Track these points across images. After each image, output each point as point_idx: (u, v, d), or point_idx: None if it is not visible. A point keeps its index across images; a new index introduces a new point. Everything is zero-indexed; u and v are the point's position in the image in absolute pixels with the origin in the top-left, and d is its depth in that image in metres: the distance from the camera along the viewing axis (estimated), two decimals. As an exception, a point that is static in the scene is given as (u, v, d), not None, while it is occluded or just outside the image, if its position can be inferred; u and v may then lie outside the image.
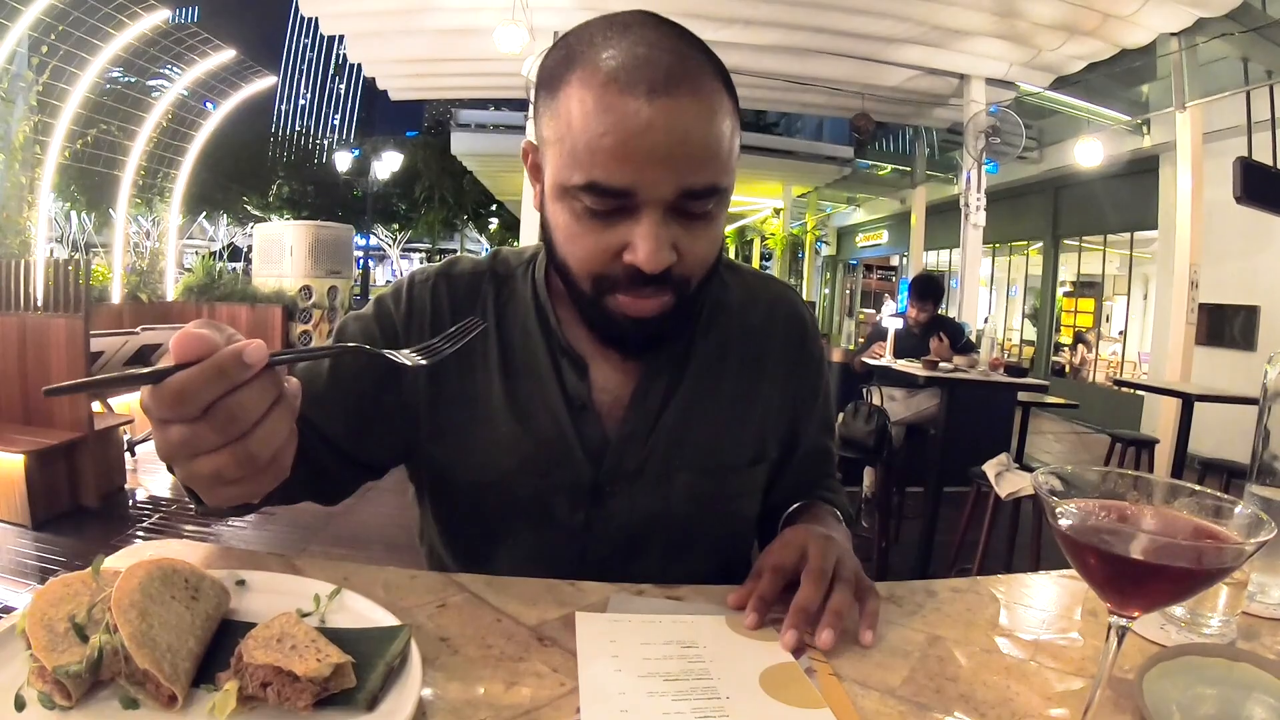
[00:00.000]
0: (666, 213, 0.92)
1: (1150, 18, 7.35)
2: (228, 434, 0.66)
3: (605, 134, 0.88)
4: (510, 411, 1.10)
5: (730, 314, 1.19)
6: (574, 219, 0.94)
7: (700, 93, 0.91)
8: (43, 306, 5.45)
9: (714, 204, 0.95)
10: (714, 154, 0.92)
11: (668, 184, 0.90)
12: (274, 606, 0.72)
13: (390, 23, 8.85)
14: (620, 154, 0.88)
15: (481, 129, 17.02)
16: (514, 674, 0.72)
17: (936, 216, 14.21)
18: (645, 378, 1.11)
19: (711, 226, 0.98)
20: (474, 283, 1.16)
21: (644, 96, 0.88)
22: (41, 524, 4.76)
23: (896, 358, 5.83)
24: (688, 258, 0.95)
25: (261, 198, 28.68)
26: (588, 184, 0.90)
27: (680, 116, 0.89)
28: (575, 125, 0.90)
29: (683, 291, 0.98)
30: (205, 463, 0.68)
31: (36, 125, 8.14)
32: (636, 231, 0.91)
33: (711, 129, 0.92)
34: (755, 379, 1.19)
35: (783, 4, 7.90)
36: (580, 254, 0.96)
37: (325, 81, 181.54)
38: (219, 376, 0.64)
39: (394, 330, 1.12)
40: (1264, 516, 0.58)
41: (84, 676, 0.60)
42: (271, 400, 0.69)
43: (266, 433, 0.69)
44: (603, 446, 1.10)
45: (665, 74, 0.89)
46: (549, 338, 1.11)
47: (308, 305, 8.42)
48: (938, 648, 0.83)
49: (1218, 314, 9.03)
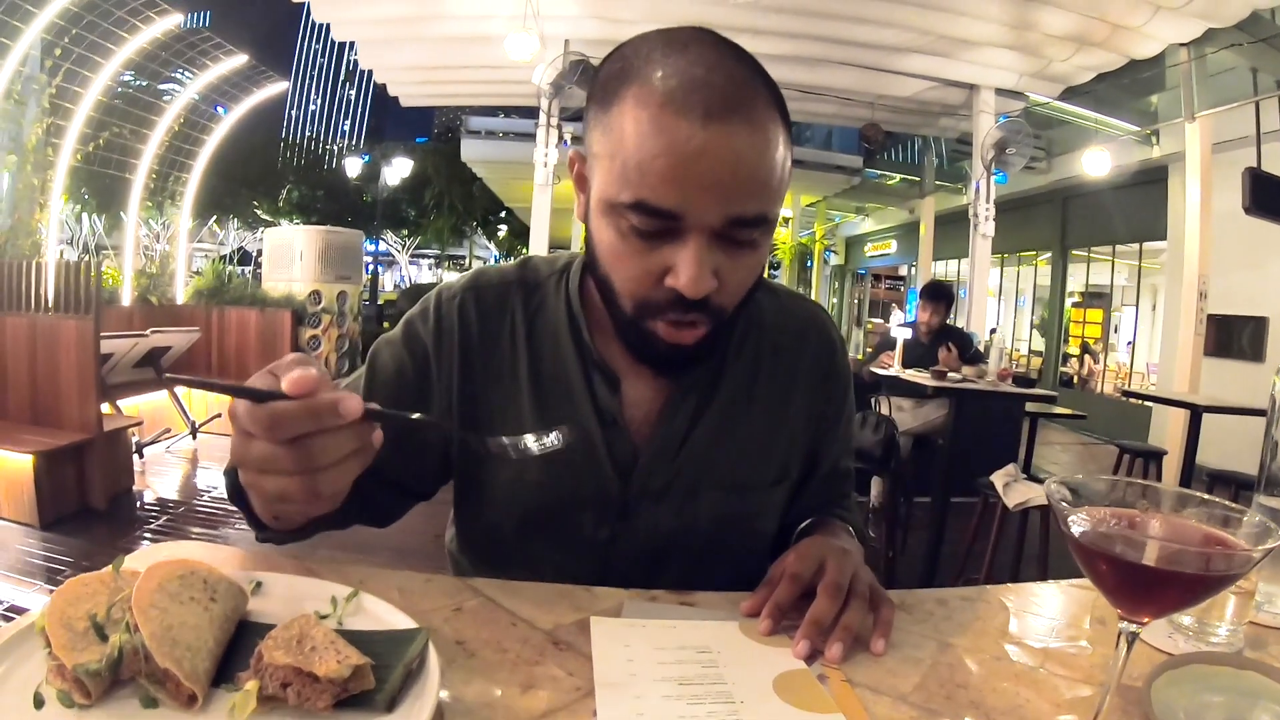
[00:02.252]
0: (712, 239, 0.91)
1: (1160, 29, 7.34)
2: (302, 466, 0.73)
3: (658, 156, 0.88)
4: (539, 424, 1.09)
5: (763, 333, 1.19)
6: (619, 237, 0.94)
7: (755, 121, 0.90)
8: (53, 308, 5.46)
9: (760, 233, 0.95)
10: (764, 184, 0.92)
11: (716, 211, 0.89)
12: (291, 608, 0.72)
13: (401, 29, 8.88)
14: (670, 177, 0.88)
15: (492, 136, 17.06)
16: (530, 677, 0.73)
17: (945, 226, 14.19)
18: (676, 395, 1.11)
19: (755, 255, 0.97)
20: (502, 294, 1.16)
21: (699, 121, 0.87)
22: (49, 524, 4.77)
23: (905, 367, 5.84)
24: (728, 285, 0.95)
25: (272, 202, 28.70)
26: (636, 202, 0.89)
27: (733, 143, 0.88)
28: (628, 143, 0.90)
29: (719, 319, 0.98)
30: (272, 481, 0.74)
31: (49, 128, 8.16)
32: (681, 255, 0.91)
33: (764, 159, 0.91)
34: (784, 400, 1.19)
35: (792, 14, 7.91)
36: (624, 274, 0.96)
37: (336, 87, 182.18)
38: (313, 418, 0.71)
39: (425, 352, 1.13)
40: (1272, 525, 0.59)
41: (104, 675, 0.61)
42: (351, 450, 0.75)
43: (336, 475, 0.75)
44: (631, 462, 1.10)
45: (722, 99, 0.88)
46: (581, 350, 1.11)
47: (317, 310, 8.43)
48: (948, 655, 0.83)
49: (1226, 325, 9.00)
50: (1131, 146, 10.82)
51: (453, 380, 1.12)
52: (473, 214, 33.59)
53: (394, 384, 1.13)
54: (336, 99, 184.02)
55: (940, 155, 15.44)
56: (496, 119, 17.77)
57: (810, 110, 10.94)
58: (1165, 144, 10.35)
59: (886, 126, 10.70)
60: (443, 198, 32.58)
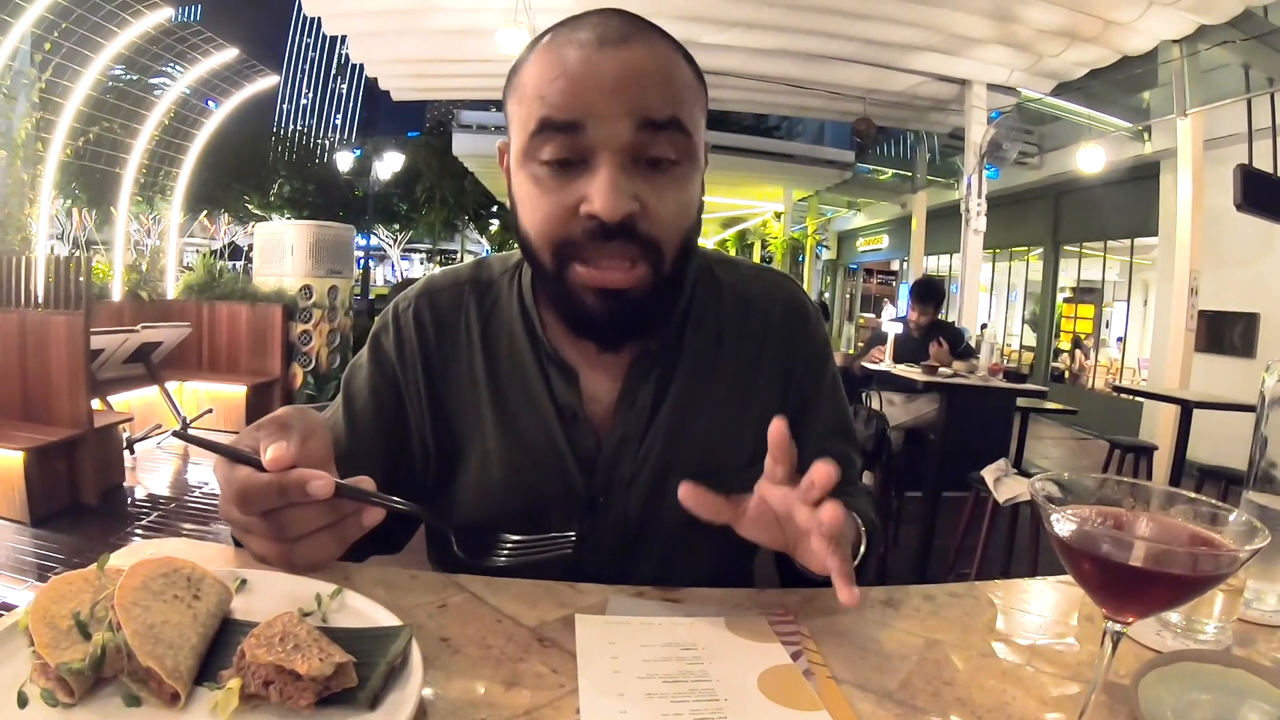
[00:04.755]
0: (625, 159, 0.90)
1: (1152, 24, 7.35)
2: (275, 536, 0.77)
3: (556, 78, 0.89)
4: (499, 424, 1.09)
5: (724, 307, 1.16)
6: (534, 182, 0.93)
7: (656, 44, 0.93)
8: (43, 303, 5.45)
9: (679, 154, 0.93)
10: (668, 85, 0.92)
11: (621, 116, 0.89)
12: (275, 606, 0.72)
13: (393, 23, 8.85)
14: (569, 90, 0.89)
15: (483, 130, 17.00)
16: (514, 674, 0.72)
17: (937, 221, 14.21)
18: (633, 379, 1.08)
19: (679, 185, 0.95)
20: (455, 296, 1.15)
21: (594, 46, 0.89)
22: (40, 521, 4.76)
23: (896, 362, 5.85)
24: (654, 214, 0.92)
25: (263, 197, 28.61)
26: (539, 124, 0.90)
27: (630, 57, 0.90)
28: (530, 84, 0.92)
29: (656, 260, 0.95)
30: (251, 543, 0.80)
31: (39, 122, 8.12)
32: (594, 181, 0.90)
33: (668, 68, 0.92)
34: (752, 373, 1.14)
35: (784, 8, 7.90)
36: (539, 217, 0.94)
37: (327, 81, 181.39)
38: (279, 494, 0.75)
39: (392, 368, 1.12)
40: (1258, 524, 0.58)
41: (87, 674, 0.60)
42: (323, 524, 0.79)
43: (309, 547, 0.80)
44: (595, 456, 1.08)
45: (618, 31, 0.90)
46: (536, 345, 1.09)
47: (308, 305, 8.41)
48: (935, 651, 0.83)
49: (1217, 321, 9.02)
50: (1124, 142, 10.84)
51: (420, 388, 1.11)
52: (464, 208, 33.55)
53: (371, 408, 1.12)
54: (328, 93, 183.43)
55: (932, 150, 15.44)
56: (488, 113, 17.71)
57: (802, 104, 10.96)
58: (1157, 140, 10.37)
59: (879, 121, 10.70)
60: (434, 192, 32.53)
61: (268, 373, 8.26)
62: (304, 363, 8.43)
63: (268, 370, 8.28)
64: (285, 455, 0.74)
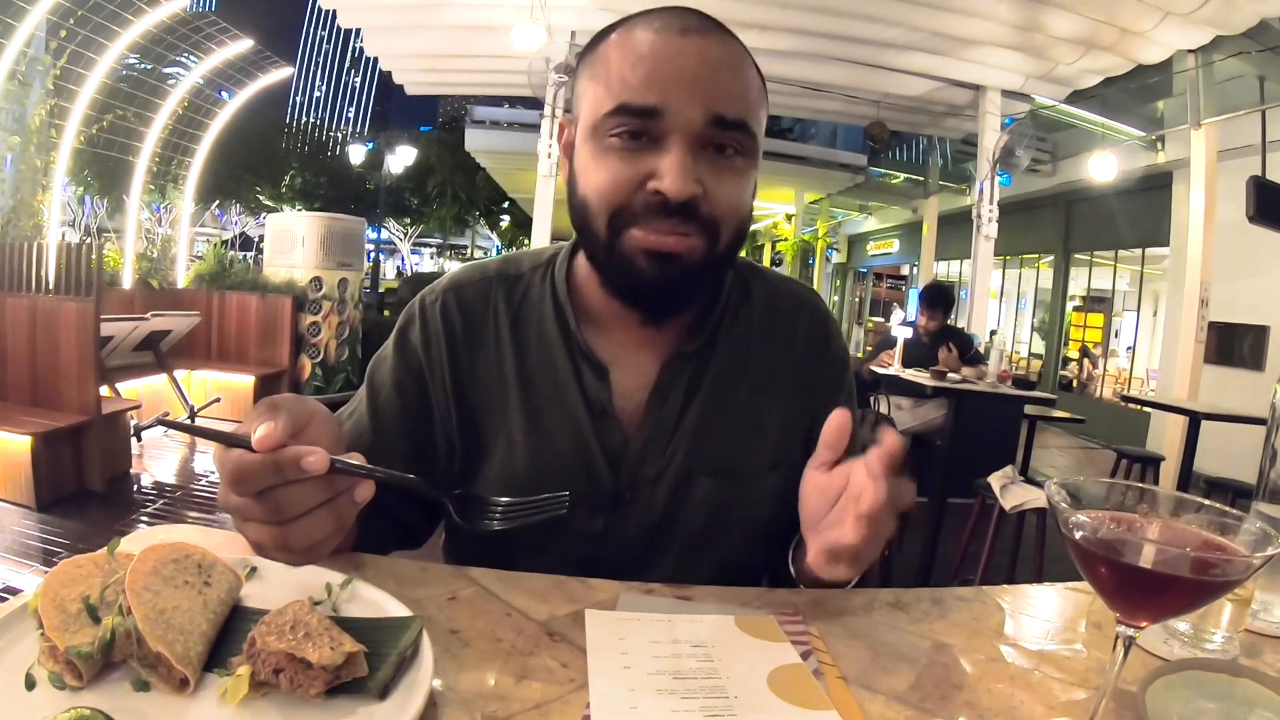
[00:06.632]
0: (694, 145, 0.94)
1: (1167, 34, 7.32)
2: (271, 518, 0.78)
3: (639, 61, 0.93)
4: (526, 417, 1.09)
5: (753, 314, 1.18)
6: (602, 154, 0.96)
7: (729, 42, 0.97)
8: (54, 289, 5.47)
9: (742, 150, 0.97)
10: (742, 92, 0.96)
11: (696, 108, 0.92)
12: (285, 594, 0.72)
13: (408, 17, 8.88)
14: (651, 76, 0.92)
15: (496, 126, 17.07)
16: (524, 668, 0.72)
17: (948, 227, 14.18)
18: (667, 377, 1.09)
19: (740, 175, 0.98)
20: (482, 290, 1.15)
21: (677, 33, 0.93)
22: (46, 506, 4.78)
23: (905, 367, 5.85)
24: (715, 198, 0.96)
25: (274, 188, 28.69)
26: (617, 107, 0.93)
27: (710, 50, 0.94)
28: (612, 63, 0.95)
29: (711, 239, 0.97)
30: (249, 530, 0.80)
31: (53, 109, 8.15)
32: (664, 159, 0.93)
33: (740, 70, 0.97)
34: (776, 381, 1.16)
35: (799, 10, 7.90)
36: (603, 184, 0.96)
37: (341, 74, 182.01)
38: (274, 472, 0.75)
39: (418, 362, 1.13)
40: (1272, 531, 0.58)
41: (96, 658, 0.60)
42: (319, 501, 0.79)
43: (307, 526, 0.79)
44: (623, 452, 1.08)
45: (698, 21, 0.95)
46: (568, 340, 1.10)
47: (318, 296, 8.42)
48: (943, 655, 0.83)
49: (1227, 333, 8.99)
50: (1136, 152, 10.81)
51: (446, 382, 1.11)
52: (476, 203, 33.61)
53: (395, 400, 1.12)
54: (341, 86, 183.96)
55: (945, 155, 15.44)
56: (501, 109, 17.74)
57: (816, 107, 10.94)
58: (1170, 150, 10.35)
59: (892, 125, 10.70)
60: (446, 186, 32.60)
61: (276, 363, 8.28)
62: (312, 354, 8.44)
63: (276, 361, 8.30)
64: (272, 434, 0.74)
